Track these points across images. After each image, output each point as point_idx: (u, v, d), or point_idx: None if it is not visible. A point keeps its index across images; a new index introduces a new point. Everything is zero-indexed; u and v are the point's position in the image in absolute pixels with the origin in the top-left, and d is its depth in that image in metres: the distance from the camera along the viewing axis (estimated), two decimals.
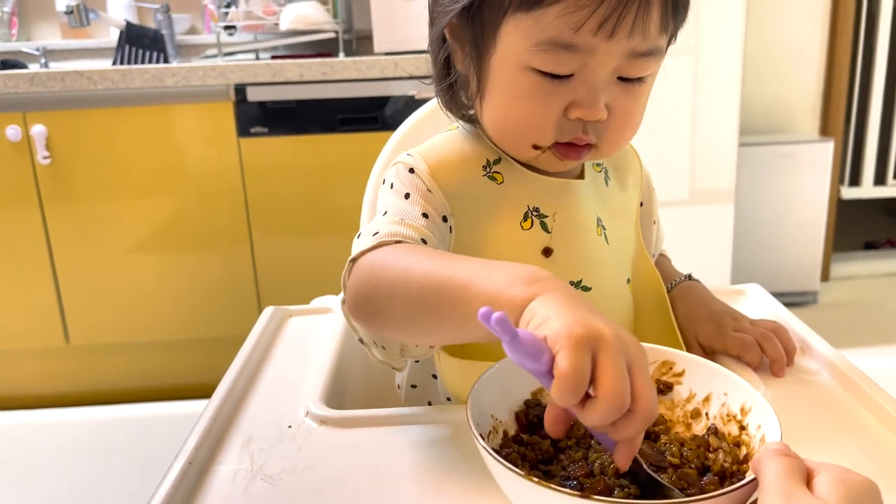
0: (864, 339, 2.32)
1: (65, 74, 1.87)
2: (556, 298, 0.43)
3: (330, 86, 1.93)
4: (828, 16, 2.64)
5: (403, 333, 0.56)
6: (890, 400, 0.59)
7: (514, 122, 0.60)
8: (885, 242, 3.24)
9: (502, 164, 0.66)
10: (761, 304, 0.85)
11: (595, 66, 0.56)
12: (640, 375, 0.40)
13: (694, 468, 0.49)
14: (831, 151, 2.53)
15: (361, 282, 0.55)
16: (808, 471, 0.39)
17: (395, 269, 0.53)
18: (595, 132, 0.60)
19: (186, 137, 1.97)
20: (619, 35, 0.54)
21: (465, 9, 0.59)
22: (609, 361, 0.39)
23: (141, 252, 2.03)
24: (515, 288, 0.44)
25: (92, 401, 2.11)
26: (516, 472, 0.41)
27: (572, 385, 0.39)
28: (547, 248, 0.65)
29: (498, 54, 0.59)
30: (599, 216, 0.70)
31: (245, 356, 0.73)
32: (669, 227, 0.89)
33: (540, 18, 0.55)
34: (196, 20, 2.55)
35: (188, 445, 0.56)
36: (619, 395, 0.39)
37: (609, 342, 0.40)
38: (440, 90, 0.67)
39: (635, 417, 0.40)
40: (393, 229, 0.58)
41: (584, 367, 0.39)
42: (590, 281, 0.67)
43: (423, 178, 0.63)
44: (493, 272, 0.47)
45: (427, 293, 0.49)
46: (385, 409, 0.62)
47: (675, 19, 0.58)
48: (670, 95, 2.10)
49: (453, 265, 0.49)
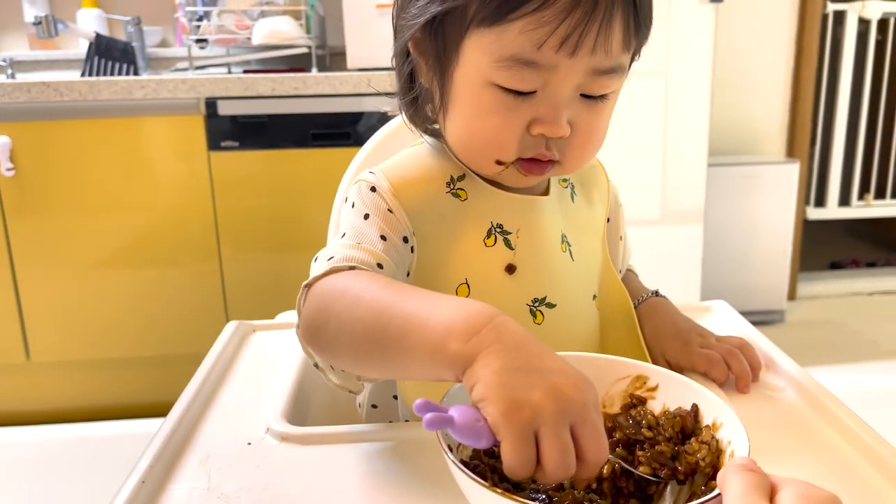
0: (830, 357, 2.35)
1: (31, 85, 1.84)
2: (492, 364, 0.43)
3: (302, 101, 1.92)
4: (794, 40, 2.71)
5: (350, 365, 0.55)
6: (852, 416, 0.59)
7: (478, 137, 0.60)
8: (849, 262, 3.30)
9: (466, 181, 0.65)
10: (727, 320, 0.85)
11: (557, 83, 0.56)
12: (585, 431, 0.42)
13: (670, 442, 0.49)
14: (797, 173, 2.58)
15: (313, 311, 0.54)
16: (772, 486, 0.39)
17: (343, 301, 0.52)
18: (558, 148, 0.60)
19: (156, 151, 1.95)
20: (582, 52, 0.54)
21: (429, 23, 0.59)
22: (549, 437, 0.41)
23: (107, 267, 1.99)
24: (452, 343, 0.45)
25: (53, 419, 2.05)
26: (481, 483, 0.40)
27: (517, 471, 0.41)
28: (510, 265, 0.65)
29: (461, 69, 0.59)
30: (564, 232, 0.69)
31: (206, 371, 0.71)
32: (640, 246, 0.89)
33: (502, 34, 0.54)
34: (167, 33, 2.53)
35: (142, 464, 0.54)
36: (562, 467, 0.41)
37: (546, 416, 0.41)
38: (404, 104, 0.67)
39: (585, 467, 0.42)
40: (348, 254, 0.57)
41: (525, 456, 0.40)
42: (554, 297, 0.66)
43: (385, 196, 0.62)
44: (434, 317, 0.46)
45: (371, 334, 0.50)
46: (347, 426, 0.61)
47: (638, 37, 0.58)
48: (641, 117, 2.13)
49: (396, 307, 0.49)
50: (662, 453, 0.48)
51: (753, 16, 2.67)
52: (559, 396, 0.41)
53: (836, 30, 2.81)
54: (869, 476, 0.53)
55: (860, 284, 3.00)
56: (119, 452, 1.87)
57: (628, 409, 0.56)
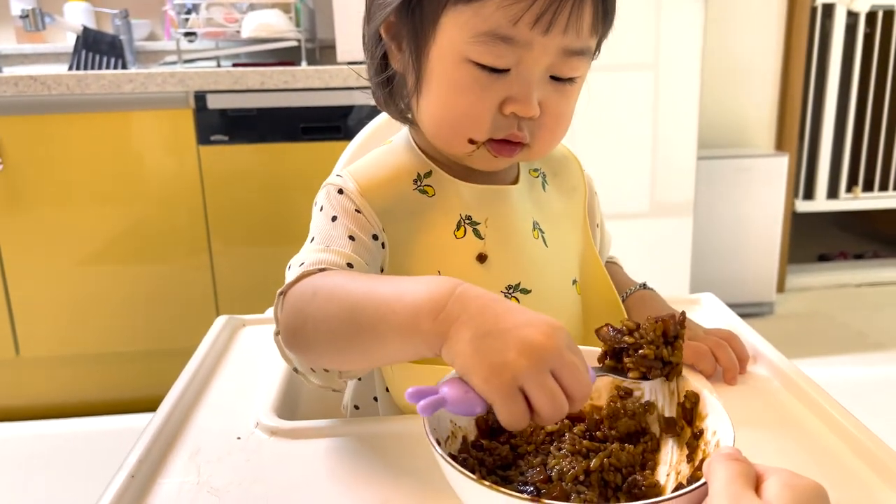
0: (818, 348, 2.37)
1: (18, 79, 1.82)
2: (463, 337, 0.45)
3: (292, 94, 1.92)
4: (782, 34, 2.72)
5: (335, 362, 0.56)
6: (838, 407, 0.60)
7: (451, 115, 0.61)
8: (837, 255, 3.33)
9: (433, 177, 0.67)
10: (715, 313, 0.86)
11: (531, 62, 0.58)
12: (565, 373, 0.44)
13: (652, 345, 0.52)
14: (786, 166, 2.59)
15: (290, 316, 0.55)
16: (757, 475, 0.40)
17: (316, 303, 0.54)
18: (529, 130, 0.62)
19: (145, 145, 1.93)
20: (555, 30, 0.56)
21: (406, 2, 0.60)
22: (535, 390, 0.43)
23: (96, 262, 1.98)
24: (423, 323, 0.47)
25: (43, 415, 2.04)
26: (468, 475, 0.40)
27: (515, 425, 0.43)
28: (481, 255, 0.66)
29: (437, 47, 0.60)
30: (536, 220, 0.70)
31: (195, 366, 0.71)
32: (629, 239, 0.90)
33: (479, 10, 0.56)
34: (155, 26, 2.51)
35: (131, 458, 0.54)
36: (555, 410, 0.43)
37: (525, 371, 0.43)
38: (376, 87, 0.68)
39: (575, 403, 0.45)
40: (317, 257, 0.59)
41: (517, 411, 0.43)
42: (528, 283, 0.67)
43: (353, 197, 0.64)
44: (400, 303, 0.48)
45: (346, 328, 0.51)
46: (336, 420, 0.61)
47: (604, 24, 0.61)
48: (631, 110, 2.14)
49: (365, 299, 0.51)
50: (646, 356, 0.51)
51: (742, 9, 2.67)
52: (533, 349, 0.43)
53: (824, 23, 2.82)
54: (853, 465, 0.54)
55: (848, 276, 3.02)
56: (108, 448, 1.86)
57: (615, 400, 0.56)
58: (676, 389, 0.54)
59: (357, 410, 0.73)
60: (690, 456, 0.50)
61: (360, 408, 0.73)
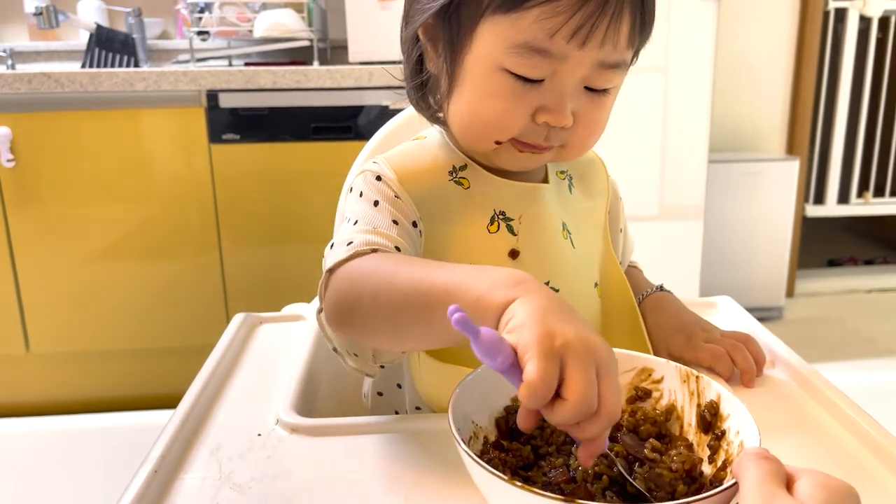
0: (828, 354, 2.36)
1: (31, 76, 1.83)
2: (534, 301, 0.44)
3: (303, 94, 1.92)
4: (795, 38, 2.71)
5: (388, 340, 0.56)
6: (858, 410, 0.60)
7: (482, 118, 0.61)
8: (847, 260, 3.31)
9: (468, 170, 0.67)
10: (732, 316, 0.86)
11: (565, 74, 0.58)
12: (607, 380, 0.42)
13: (670, 470, 0.48)
14: (797, 170, 2.58)
15: (342, 292, 0.54)
16: (788, 475, 0.39)
17: (376, 277, 0.53)
18: (559, 138, 0.62)
19: (156, 143, 1.94)
20: (591, 44, 0.56)
21: (444, 8, 0.60)
22: (577, 368, 0.41)
23: (106, 259, 1.99)
24: (498, 291, 0.45)
25: (52, 411, 2.05)
26: (500, 476, 0.40)
27: (539, 391, 0.40)
28: (514, 251, 0.66)
29: (472, 54, 0.60)
30: (564, 221, 0.71)
31: (214, 363, 0.72)
32: (640, 242, 0.90)
33: (517, 21, 0.56)
34: (168, 25, 2.52)
35: (154, 453, 0.54)
36: (586, 399, 0.41)
37: (577, 349, 0.41)
38: (411, 89, 0.68)
39: (599, 419, 0.41)
40: (367, 238, 0.58)
41: (551, 376, 0.40)
42: (557, 282, 0.67)
43: (391, 184, 0.64)
44: (477, 276, 0.48)
45: (412, 300, 0.50)
46: (356, 418, 0.61)
47: (642, 35, 0.61)
48: (642, 113, 2.13)
49: (436, 272, 0.50)
50: (661, 476, 0.48)
51: (755, 12, 2.67)
52: (591, 342, 0.42)
53: (836, 27, 2.81)
54: (876, 470, 0.53)
55: (858, 282, 3.01)
56: (118, 444, 1.87)
57: (633, 401, 0.56)
58: (696, 390, 0.54)
59: (380, 397, 0.73)
60: (712, 457, 0.50)
61: (383, 394, 0.73)
